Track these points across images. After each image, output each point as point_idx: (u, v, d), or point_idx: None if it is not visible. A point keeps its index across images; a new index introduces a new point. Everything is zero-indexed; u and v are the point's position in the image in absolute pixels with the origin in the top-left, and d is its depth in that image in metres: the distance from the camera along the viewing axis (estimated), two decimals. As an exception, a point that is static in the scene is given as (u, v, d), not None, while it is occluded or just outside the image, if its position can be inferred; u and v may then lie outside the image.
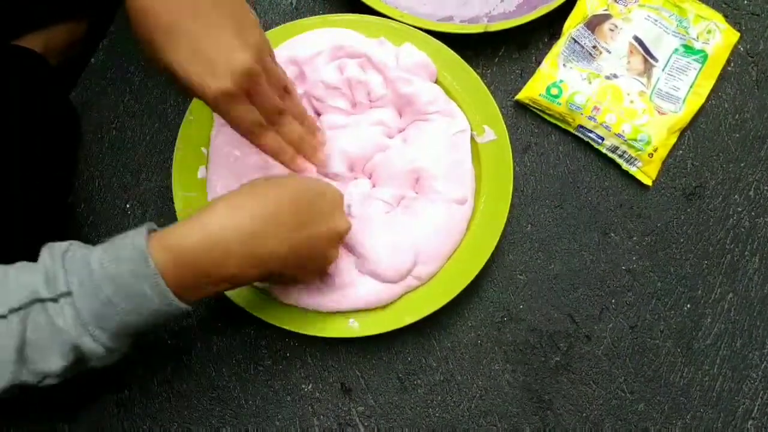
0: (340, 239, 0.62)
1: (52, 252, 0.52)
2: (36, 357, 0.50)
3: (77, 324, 0.50)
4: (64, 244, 0.52)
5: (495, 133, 0.73)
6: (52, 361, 0.51)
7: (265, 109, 0.59)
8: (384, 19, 0.75)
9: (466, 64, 0.74)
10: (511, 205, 0.73)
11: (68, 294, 0.50)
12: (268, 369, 0.69)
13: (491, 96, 0.73)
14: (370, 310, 0.68)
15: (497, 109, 0.73)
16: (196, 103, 0.72)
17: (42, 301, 0.50)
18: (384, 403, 0.69)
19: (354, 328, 0.67)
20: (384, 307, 0.68)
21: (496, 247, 0.71)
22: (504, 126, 0.73)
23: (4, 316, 0.50)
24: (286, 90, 0.63)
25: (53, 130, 0.72)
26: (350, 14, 0.76)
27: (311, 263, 0.62)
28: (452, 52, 0.74)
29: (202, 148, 0.72)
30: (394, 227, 0.69)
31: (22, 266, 0.52)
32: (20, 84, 0.71)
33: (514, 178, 0.72)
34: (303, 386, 0.69)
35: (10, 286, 0.51)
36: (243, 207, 0.55)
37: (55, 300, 0.50)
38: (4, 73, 0.70)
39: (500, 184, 0.71)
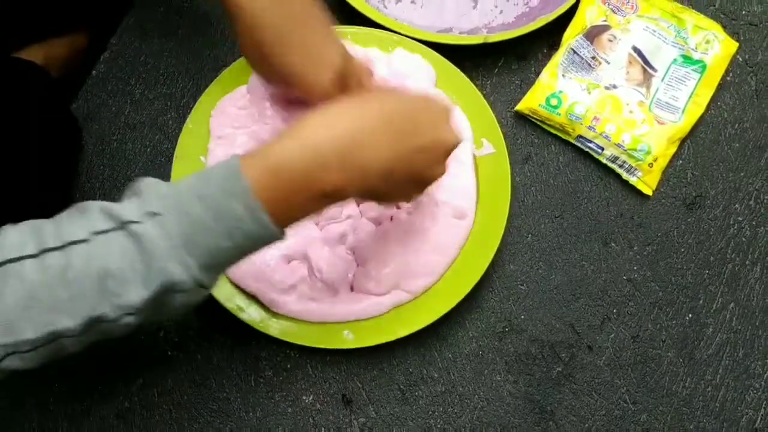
0: (447, 153, 0.57)
1: (138, 184, 0.50)
2: (118, 287, 0.46)
3: (166, 246, 0.46)
4: (152, 179, 0.50)
5: (493, 146, 0.73)
6: (135, 292, 0.46)
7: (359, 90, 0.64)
8: (382, 31, 0.76)
9: (464, 76, 0.74)
10: (512, 216, 0.73)
11: (157, 214, 0.47)
12: (268, 380, 0.69)
13: (490, 108, 0.74)
14: (366, 321, 0.68)
15: (495, 121, 0.73)
16: (195, 113, 0.72)
17: (128, 223, 0.47)
18: (385, 415, 0.68)
19: (348, 339, 0.67)
20: (380, 318, 0.68)
21: (497, 258, 0.71)
22: (502, 139, 0.73)
23: (85, 240, 0.46)
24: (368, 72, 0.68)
25: (54, 142, 0.73)
26: (348, 27, 0.76)
27: (414, 178, 0.57)
28: (450, 63, 0.74)
29: (201, 157, 0.72)
30: (388, 240, 0.69)
31: (106, 202, 0.49)
32: (21, 96, 0.71)
33: (512, 191, 0.72)
34: (304, 398, 0.69)
35: (92, 213, 0.48)
36: (340, 116, 0.52)
37: (142, 222, 0.47)
38: (6, 86, 0.71)
39: (498, 197, 0.71)
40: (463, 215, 0.70)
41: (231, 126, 0.72)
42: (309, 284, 0.68)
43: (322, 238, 0.69)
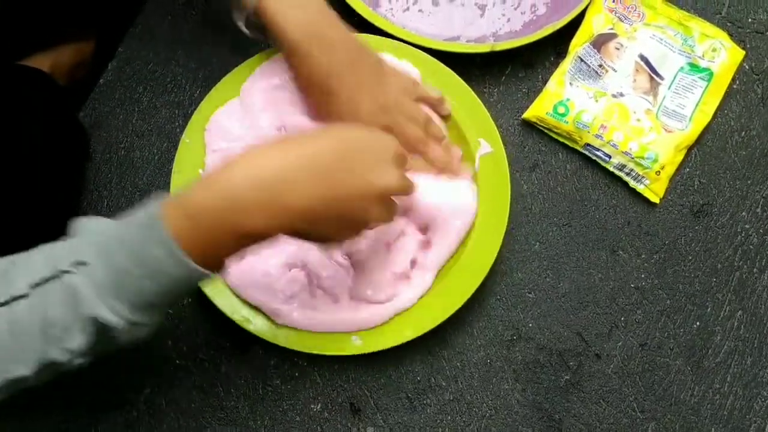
0: (383, 196, 0.55)
1: (74, 225, 0.51)
2: (60, 335, 0.48)
3: (93, 294, 0.48)
4: (87, 217, 0.51)
5: (491, 146, 0.73)
6: (75, 338, 0.48)
7: (405, 139, 0.69)
8: (380, 37, 0.76)
9: (457, 77, 0.74)
10: (519, 224, 0.74)
11: (83, 263, 0.48)
12: (276, 389, 0.69)
13: (484, 108, 0.74)
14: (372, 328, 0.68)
15: (491, 120, 0.73)
16: (191, 127, 0.72)
17: (62, 273, 0.48)
18: (393, 423, 0.68)
19: (357, 344, 0.67)
20: (386, 323, 0.68)
21: (505, 266, 0.71)
22: (499, 138, 0.73)
23: (25, 295, 0.48)
24: (431, 120, 0.73)
25: (62, 150, 0.73)
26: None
27: (344, 222, 0.54)
28: (442, 64, 0.74)
29: (200, 170, 0.72)
30: (381, 245, 0.69)
31: (50, 244, 0.51)
32: (28, 104, 0.71)
33: (512, 190, 0.71)
34: (312, 406, 0.69)
35: (32, 261, 0.49)
36: (262, 159, 0.51)
37: (72, 271, 0.48)
38: (13, 93, 0.71)
39: (498, 197, 0.71)
40: (463, 216, 0.71)
41: (225, 140, 0.72)
42: (309, 292, 0.68)
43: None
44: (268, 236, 0.51)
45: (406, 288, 0.69)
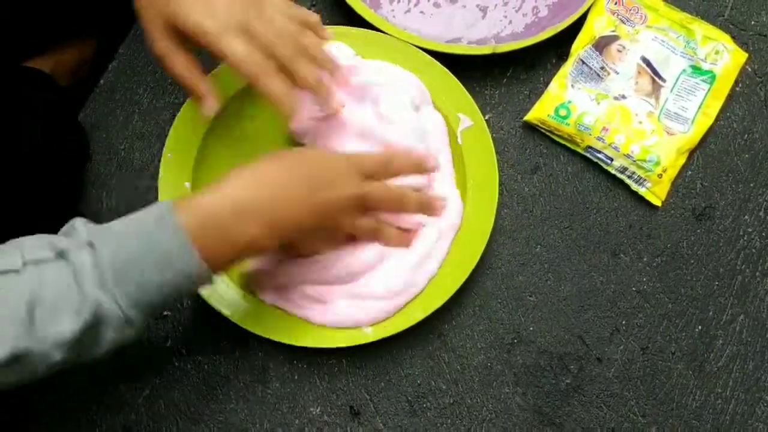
0: (352, 204, 0.63)
1: (71, 223, 0.52)
2: (46, 317, 0.47)
3: (96, 276, 0.48)
4: (83, 219, 0.53)
5: (471, 119, 0.73)
6: (64, 322, 0.47)
7: (265, 47, 0.60)
8: (374, 32, 0.75)
9: (430, 58, 0.74)
10: (520, 226, 0.73)
11: (90, 245, 0.49)
12: (275, 392, 0.69)
13: (460, 83, 0.74)
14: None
15: (467, 94, 0.73)
16: (171, 139, 0.72)
17: (64, 252, 0.48)
18: (393, 427, 0.68)
19: (368, 333, 0.67)
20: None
21: (506, 269, 0.71)
22: (478, 110, 0.73)
23: (17, 270, 0.47)
24: (309, 27, 0.64)
25: (61, 151, 0.72)
26: (344, 27, 0.76)
27: (324, 229, 0.64)
28: (413, 47, 0.74)
29: (186, 183, 0.71)
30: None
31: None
32: (29, 104, 0.71)
33: (509, 192, 0.72)
34: (311, 409, 0.68)
35: (26, 244, 0.49)
36: (262, 175, 0.58)
37: (77, 251, 0.49)
38: (14, 94, 0.71)
39: (485, 164, 0.72)
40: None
41: None
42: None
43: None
44: (264, 247, 0.58)
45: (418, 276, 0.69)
